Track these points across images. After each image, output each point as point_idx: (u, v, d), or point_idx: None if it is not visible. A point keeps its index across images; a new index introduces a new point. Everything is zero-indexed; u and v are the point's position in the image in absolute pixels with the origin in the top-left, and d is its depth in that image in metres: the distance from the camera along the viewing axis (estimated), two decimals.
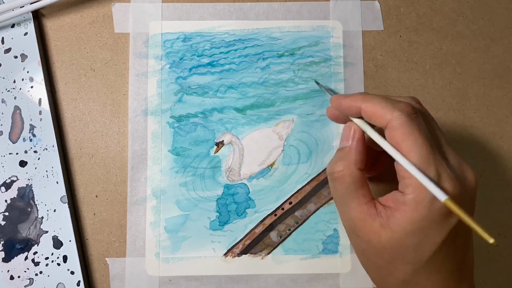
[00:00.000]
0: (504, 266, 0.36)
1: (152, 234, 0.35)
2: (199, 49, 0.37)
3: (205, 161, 0.36)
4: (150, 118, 0.36)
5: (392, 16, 0.38)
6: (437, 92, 0.37)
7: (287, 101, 0.36)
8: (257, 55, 0.37)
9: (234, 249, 0.35)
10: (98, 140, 0.36)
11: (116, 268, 0.35)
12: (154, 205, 0.35)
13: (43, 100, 0.35)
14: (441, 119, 0.37)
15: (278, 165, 0.36)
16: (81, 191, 0.36)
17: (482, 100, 0.37)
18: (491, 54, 0.38)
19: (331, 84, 0.37)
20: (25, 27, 0.36)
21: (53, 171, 0.35)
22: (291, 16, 0.37)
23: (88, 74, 0.37)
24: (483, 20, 0.38)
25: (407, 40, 0.37)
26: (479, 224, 0.22)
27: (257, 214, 0.35)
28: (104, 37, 0.37)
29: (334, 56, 0.37)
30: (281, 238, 0.35)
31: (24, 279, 0.34)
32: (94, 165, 0.36)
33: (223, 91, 0.36)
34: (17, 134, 0.35)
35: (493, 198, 0.36)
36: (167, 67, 0.36)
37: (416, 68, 0.37)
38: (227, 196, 0.36)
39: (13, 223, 0.34)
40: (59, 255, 0.34)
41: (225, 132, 0.36)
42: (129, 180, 0.35)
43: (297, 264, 0.35)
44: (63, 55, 0.37)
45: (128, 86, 0.36)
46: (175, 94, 0.36)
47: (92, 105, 0.36)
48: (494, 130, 0.37)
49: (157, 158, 0.36)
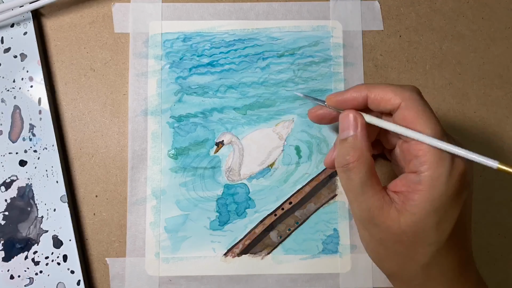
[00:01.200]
0: (504, 266, 0.36)
1: (152, 234, 0.35)
2: (199, 49, 0.37)
3: (205, 161, 0.36)
4: (150, 118, 0.36)
5: (392, 16, 0.38)
6: (437, 92, 0.37)
7: (287, 101, 0.36)
8: (257, 55, 0.37)
9: (234, 249, 0.35)
10: (98, 140, 0.36)
11: (116, 268, 0.35)
12: (154, 205, 0.35)
13: (43, 100, 0.35)
14: (441, 119, 0.37)
15: (278, 165, 0.36)
16: (81, 191, 0.36)
17: (482, 100, 0.37)
18: (491, 54, 0.38)
19: (331, 84, 0.37)
20: (24, 26, 0.36)
21: (53, 170, 0.35)
22: (291, 16, 0.37)
23: (88, 74, 0.37)
24: (483, 20, 0.38)
25: (407, 40, 0.37)
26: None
27: (257, 214, 0.36)
28: (104, 37, 0.37)
29: (334, 56, 0.37)
30: (281, 238, 0.35)
31: (24, 279, 0.34)
32: (94, 165, 0.36)
33: (223, 91, 0.36)
34: (17, 133, 0.35)
35: (493, 198, 0.36)
36: (167, 67, 0.36)
37: (416, 68, 0.37)
38: (227, 196, 0.36)
39: (13, 222, 0.35)
40: (59, 255, 0.34)
41: (225, 132, 0.36)
42: (129, 180, 0.35)
43: (297, 264, 0.35)
44: (63, 55, 0.37)
45: (128, 86, 0.36)
46: (175, 94, 0.36)
47: (92, 105, 0.36)
48: (494, 130, 0.37)
49: (157, 158, 0.36)
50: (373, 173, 0.27)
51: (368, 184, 0.26)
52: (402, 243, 0.26)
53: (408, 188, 0.25)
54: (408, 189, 0.25)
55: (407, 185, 0.25)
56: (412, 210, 0.25)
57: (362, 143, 0.27)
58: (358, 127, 0.27)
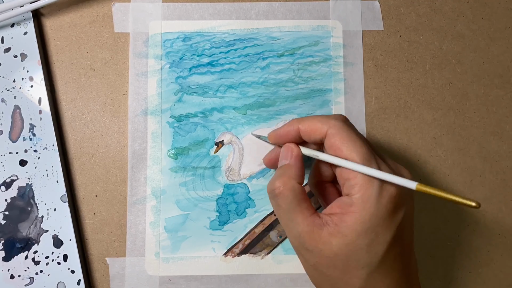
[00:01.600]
0: (503, 266, 0.36)
1: (152, 234, 0.35)
2: (199, 49, 0.37)
3: (205, 161, 0.36)
4: (150, 118, 0.36)
5: (392, 16, 0.38)
6: (437, 92, 0.37)
7: (287, 101, 0.36)
8: (257, 55, 0.37)
9: (234, 249, 0.35)
10: (98, 139, 0.36)
11: (116, 267, 0.35)
12: (154, 204, 0.35)
13: (43, 100, 0.35)
14: (441, 119, 0.37)
15: None
16: (81, 190, 0.36)
17: (482, 100, 0.37)
18: (491, 54, 0.38)
19: (331, 84, 0.37)
20: (24, 26, 0.36)
21: (53, 170, 0.35)
22: (291, 16, 0.37)
23: (88, 73, 0.37)
24: (483, 20, 0.38)
25: (407, 40, 0.37)
26: (457, 195, 0.23)
27: (257, 214, 0.36)
28: (104, 36, 0.37)
29: (334, 56, 0.37)
30: (281, 238, 0.35)
31: (24, 278, 0.34)
32: (94, 165, 0.36)
33: (223, 91, 0.36)
34: (17, 133, 0.35)
35: (493, 198, 0.36)
36: (167, 67, 0.36)
37: (416, 68, 0.37)
38: (227, 196, 0.36)
39: (13, 222, 0.35)
40: (59, 254, 0.34)
41: (225, 131, 0.36)
42: (129, 180, 0.35)
43: (297, 263, 0.35)
44: (63, 54, 0.37)
45: (128, 86, 0.36)
46: (175, 93, 0.36)
47: (92, 104, 0.36)
48: (494, 130, 0.37)
49: (157, 158, 0.36)
50: (303, 199, 0.27)
51: (296, 210, 0.27)
52: (336, 267, 0.26)
53: (342, 210, 0.26)
54: (342, 211, 0.26)
55: (341, 207, 0.26)
56: (344, 232, 0.25)
57: (292, 172, 0.28)
58: (292, 157, 0.29)
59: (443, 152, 0.37)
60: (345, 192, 0.26)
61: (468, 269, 0.36)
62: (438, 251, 0.36)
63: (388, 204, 0.25)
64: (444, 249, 0.36)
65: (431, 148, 0.37)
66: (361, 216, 0.25)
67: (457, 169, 0.37)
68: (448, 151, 0.37)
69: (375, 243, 0.25)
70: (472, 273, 0.36)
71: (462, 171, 0.37)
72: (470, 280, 0.36)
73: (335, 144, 0.27)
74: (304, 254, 0.27)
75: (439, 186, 0.37)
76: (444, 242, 0.36)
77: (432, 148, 0.37)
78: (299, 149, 0.29)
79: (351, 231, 0.25)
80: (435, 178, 0.36)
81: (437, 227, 0.36)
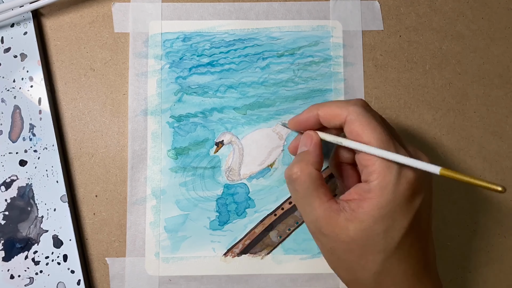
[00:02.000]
0: (504, 266, 0.36)
1: (152, 234, 0.35)
2: (199, 49, 0.37)
3: (205, 161, 0.36)
4: (150, 118, 0.36)
5: (392, 16, 0.38)
6: (437, 92, 0.37)
7: (287, 101, 0.36)
8: (257, 55, 0.37)
9: (234, 249, 0.35)
10: (98, 139, 0.36)
11: (116, 267, 0.35)
12: (154, 205, 0.35)
13: (43, 100, 0.35)
14: (441, 119, 0.37)
15: (278, 165, 0.36)
16: (81, 190, 0.36)
17: (482, 100, 0.37)
18: (491, 54, 0.38)
19: (331, 84, 0.37)
20: (24, 26, 0.36)
21: (53, 170, 0.35)
22: (291, 16, 0.37)
23: (87, 73, 0.37)
24: (483, 20, 0.38)
25: (407, 40, 0.37)
26: (482, 179, 0.22)
27: (257, 214, 0.36)
28: (104, 36, 0.37)
29: (334, 56, 0.37)
30: (281, 238, 0.35)
31: (24, 278, 0.34)
32: (94, 165, 0.36)
33: (223, 91, 0.36)
34: (17, 133, 0.35)
35: (493, 198, 0.36)
36: (167, 67, 0.36)
37: (416, 68, 0.37)
38: (227, 196, 0.36)
39: (13, 222, 0.35)
40: (59, 254, 0.34)
41: (225, 132, 0.36)
42: (129, 180, 0.35)
43: (297, 264, 0.35)
44: (63, 54, 0.37)
45: (128, 86, 0.36)
46: (175, 94, 0.36)
47: (92, 104, 0.36)
48: (494, 130, 0.37)
49: (157, 158, 0.36)
50: (320, 185, 0.27)
51: (313, 195, 0.27)
52: (352, 252, 0.26)
53: (359, 196, 0.26)
54: (359, 197, 0.26)
55: (359, 193, 0.26)
56: (361, 218, 0.25)
57: (310, 158, 0.28)
58: (311, 144, 0.29)
59: (443, 152, 0.37)
60: (364, 178, 0.27)
61: (468, 269, 0.36)
62: (438, 251, 0.36)
63: (405, 191, 0.25)
64: (444, 249, 0.36)
65: (431, 148, 0.37)
66: (378, 202, 0.25)
67: (457, 169, 0.37)
68: (448, 151, 0.37)
69: (392, 229, 0.25)
70: (472, 273, 0.36)
71: (462, 171, 0.37)
72: (470, 280, 0.36)
73: (355, 131, 0.27)
74: (321, 238, 0.27)
75: (439, 186, 0.37)
76: (444, 242, 0.36)
77: (432, 148, 0.37)
78: (318, 137, 0.29)
79: (368, 216, 0.25)
80: (435, 178, 0.36)
81: (437, 227, 0.36)
